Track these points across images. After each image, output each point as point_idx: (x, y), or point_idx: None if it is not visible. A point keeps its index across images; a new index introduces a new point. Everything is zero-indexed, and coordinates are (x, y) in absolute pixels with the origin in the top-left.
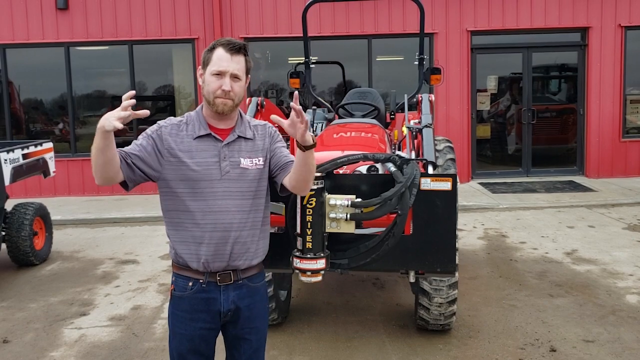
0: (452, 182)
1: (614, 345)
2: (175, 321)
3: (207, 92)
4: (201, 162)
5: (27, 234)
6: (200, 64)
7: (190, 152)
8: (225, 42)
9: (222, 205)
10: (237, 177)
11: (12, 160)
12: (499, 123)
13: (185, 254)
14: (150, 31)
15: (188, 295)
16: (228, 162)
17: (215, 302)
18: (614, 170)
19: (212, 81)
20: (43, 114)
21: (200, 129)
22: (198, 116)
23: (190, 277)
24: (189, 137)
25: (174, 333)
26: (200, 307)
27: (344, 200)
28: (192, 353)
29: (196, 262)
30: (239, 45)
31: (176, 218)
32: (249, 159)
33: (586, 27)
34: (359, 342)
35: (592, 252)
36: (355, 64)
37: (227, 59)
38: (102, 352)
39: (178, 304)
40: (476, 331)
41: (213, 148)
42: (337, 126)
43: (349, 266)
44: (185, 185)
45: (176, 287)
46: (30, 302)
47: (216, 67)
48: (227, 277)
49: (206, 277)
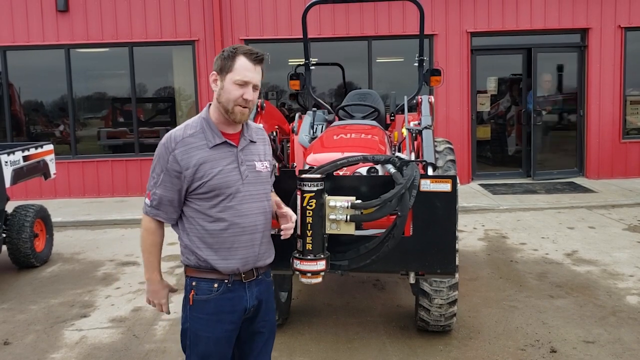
0: (452, 183)
1: (614, 346)
2: (199, 325)
3: (227, 99)
4: (223, 170)
5: (28, 235)
6: (215, 69)
7: (210, 162)
8: (248, 51)
9: (247, 209)
10: (255, 180)
11: (13, 162)
12: (499, 124)
13: (214, 259)
14: (150, 33)
15: (214, 297)
16: (246, 167)
17: (242, 300)
18: (614, 171)
19: (234, 89)
20: (43, 116)
21: (215, 138)
22: (208, 124)
23: (214, 279)
24: (204, 147)
25: (197, 337)
26: (227, 307)
27: (344, 201)
28: (217, 356)
29: (225, 266)
30: (262, 55)
31: (203, 226)
32: (259, 162)
33: (586, 28)
34: (360, 343)
35: (593, 253)
36: (355, 66)
37: (251, 69)
38: (102, 353)
39: (202, 307)
40: (476, 332)
41: (230, 154)
42: (337, 128)
43: (349, 267)
44: (210, 194)
45: (198, 292)
46: (30, 303)
47: (241, 76)
48: (250, 274)
49: (232, 277)
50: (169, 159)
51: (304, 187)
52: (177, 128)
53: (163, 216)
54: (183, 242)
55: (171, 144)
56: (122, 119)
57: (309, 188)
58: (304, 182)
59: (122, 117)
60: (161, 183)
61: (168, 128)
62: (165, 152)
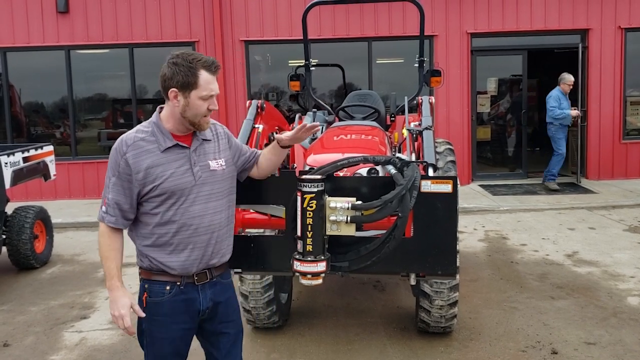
0: (453, 184)
1: (615, 347)
2: (153, 327)
3: (195, 115)
4: (175, 173)
5: (28, 237)
6: (173, 85)
7: (162, 165)
8: (206, 64)
9: (200, 209)
10: (210, 179)
11: (13, 164)
12: (499, 125)
13: (165, 261)
14: (150, 34)
15: (167, 299)
16: (199, 167)
17: (195, 302)
18: (615, 172)
19: (201, 104)
20: (44, 117)
21: (166, 141)
22: (159, 128)
23: (166, 282)
24: (155, 150)
25: (153, 338)
26: (180, 309)
27: (344, 202)
28: (173, 355)
29: (180, 268)
30: (218, 64)
31: (155, 229)
32: (214, 160)
33: (586, 29)
34: (360, 344)
35: (593, 254)
36: (356, 67)
37: (213, 80)
38: (102, 355)
39: (155, 309)
40: (477, 334)
41: (182, 156)
42: (338, 129)
43: (349, 269)
44: (162, 197)
45: (151, 294)
46: (30, 305)
47: (207, 92)
48: (203, 276)
49: (184, 279)
50: (120, 162)
51: (304, 188)
52: (129, 132)
53: (113, 220)
54: (136, 245)
55: (122, 148)
56: (122, 120)
57: (309, 189)
58: (304, 183)
59: (122, 118)
60: (113, 187)
61: None
62: (116, 156)
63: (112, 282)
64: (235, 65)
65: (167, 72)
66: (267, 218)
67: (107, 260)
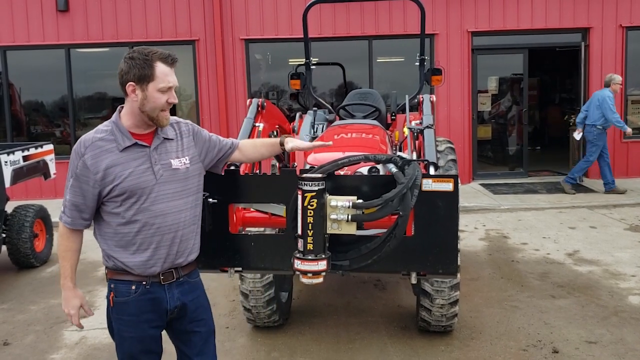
0: (454, 183)
1: (616, 346)
2: (121, 326)
3: (153, 108)
4: (134, 172)
5: (28, 236)
6: (130, 79)
7: (122, 164)
8: (162, 56)
9: (163, 208)
10: (171, 178)
11: (13, 162)
12: (500, 124)
13: (132, 262)
14: (150, 33)
15: (133, 299)
16: (160, 166)
17: (162, 301)
18: (616, 171)
19: (160, 97)
20: (44, 116)
21: (125, 140)
22: (118, 127)
23: (132, 281)
24: (114, 150)
25: (122, 338)
26: (147, 308)
27: (345, 201)
28: (144, 353)
29: (143, 268)
30: (175, 57)
31: (117, 229)
32: (177, 159)
33: (587, 27)
34: (361, 343)
35: (594, 253)
36: (356, 65)
37: (170, 72)
38: (102, 354)
39: (123, 309)
40: (478, 332)
41: (142, 155)
42: (338, 127)
43: (350, 268)
44: (123, 197)
45: (117, 294)
46: (30, 304)
47: (164, 83)
48: (169, 275)
49: (149, 279)
50: (78, 164)
51: (304, 186)
52: (88, 133)
53: (69, 222)
54: (101, 245)
55: (81, 149)
56: None
57: (310, 188)
58: (305, 182)
59: None
60: (70, 188)
61: None
62: (75, 157)
63: (65, 282)
64: (236, 63)
65: (123, 67)
66: (267, 217)
67: (63, 260)
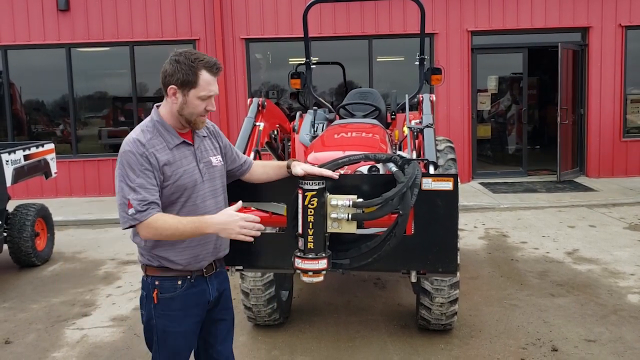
0: (454, 182)
1: (615, 344)
2: (167, 322)
3: (191, 113)
4: (187, 170)
5: (29, 234)
6: (173, 82)
7: (175, 162)
8: (208, 64)
9: (207, 205)
10: (212, 175)
11: (14, 162)
12: (500, 123)
13: (177, 258)
14: (151, 32)
15: (179, 293)
16: (203, 164)
17: (205, 293)
18: (615, 169)
19: (199, 104)
20: (44, 115)
21: (174, 139)
22: (164, 127)
23: (177, 277)
24: (165, 149)
25: (166, 334)
26: (192, 302)
27: (346, 200)
28: (186, 349)
29: (194, 263)
30: (220, 66)
31: None
32: (214, 156)
33: (586, 27)
34: (361, 342)
35: (593, 252)
36: (356, 65)
37: (213, 81)
38: (104, 352)
39: (168, 304)
40: (478, 331)
41: (189, 153)
42: (338, 126)
43: (350, 266)
44: (175, 195)
45: (162, 290)
46: (32, 302)
47: (206, 92)
48: (210, 267)
49: (194, 273)
50: (142, 161)
51: (305, 185)
52: (136, 133)
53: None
54: (143, 243)
55: (140, 148)
56: (123, 118)
57: (310, 187)
58: (305, 181)
59: (123, 116)
60: (141, 186)
61: None
62: (135, 157)
63: (202, 221)
64: (236, 63)
65: (168, 69)
66: (268, 216)
67: (180, 223)
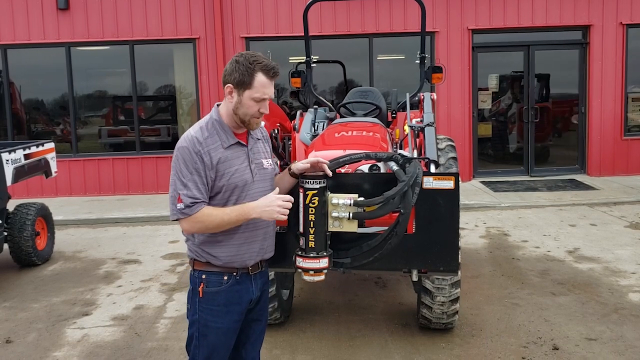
0: (455, 180)
1: (616, 343)
2: (209, 316)
3: (245, 114)
4: (239, 169)
5: (29, 234)
6: (230, 81)
7: (228, 161)
8: (265, 68)
9: None
10: (262, 177)
11: (14, 161)
12: (501, 122)
13: (225, 255)
14: (151, 31)
15: (224, 289)
16: (254, 165)
17: (248, 292)
18: (616, 168)
19: (253, 105)
20: (44, 114)
21: (229, 138)
22: (221, 126)
23: (223, 272)
24: (220, 147)
25: (208, 329)
26: (235, 299)
27: (347, 199)
28: (225, 348)
29: (240, 261)
30: (277, 70)
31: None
32: (265, 159)
33: (588, 25)
34: (362, 341)
35: (594, 251)
36: (356, 63)
37: (268, 85)
38: (104, 351)
39: (213, 299)
40: (479, 330)
41: (242, 154)
42: (339, 125)
43: (351, 265)
44: (227, 193)
45: (209, 284)
46: (32, 302)
47: (260, 94)
48: (256, 266)
49: (240, 270)
50: (197, 160)
51: (306, 184)
52: (195, 130)
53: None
54: (193, 238)
55: (196, 146)
56: (123, 117)
57: (312, 185)
58: (306, 180)
59: (123, 115)
60: (192, 182)
61: (169, 126)
62: (190, 154)
63: (245, 207)
64: None
65: (228, 68)
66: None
67: (224, 213)
